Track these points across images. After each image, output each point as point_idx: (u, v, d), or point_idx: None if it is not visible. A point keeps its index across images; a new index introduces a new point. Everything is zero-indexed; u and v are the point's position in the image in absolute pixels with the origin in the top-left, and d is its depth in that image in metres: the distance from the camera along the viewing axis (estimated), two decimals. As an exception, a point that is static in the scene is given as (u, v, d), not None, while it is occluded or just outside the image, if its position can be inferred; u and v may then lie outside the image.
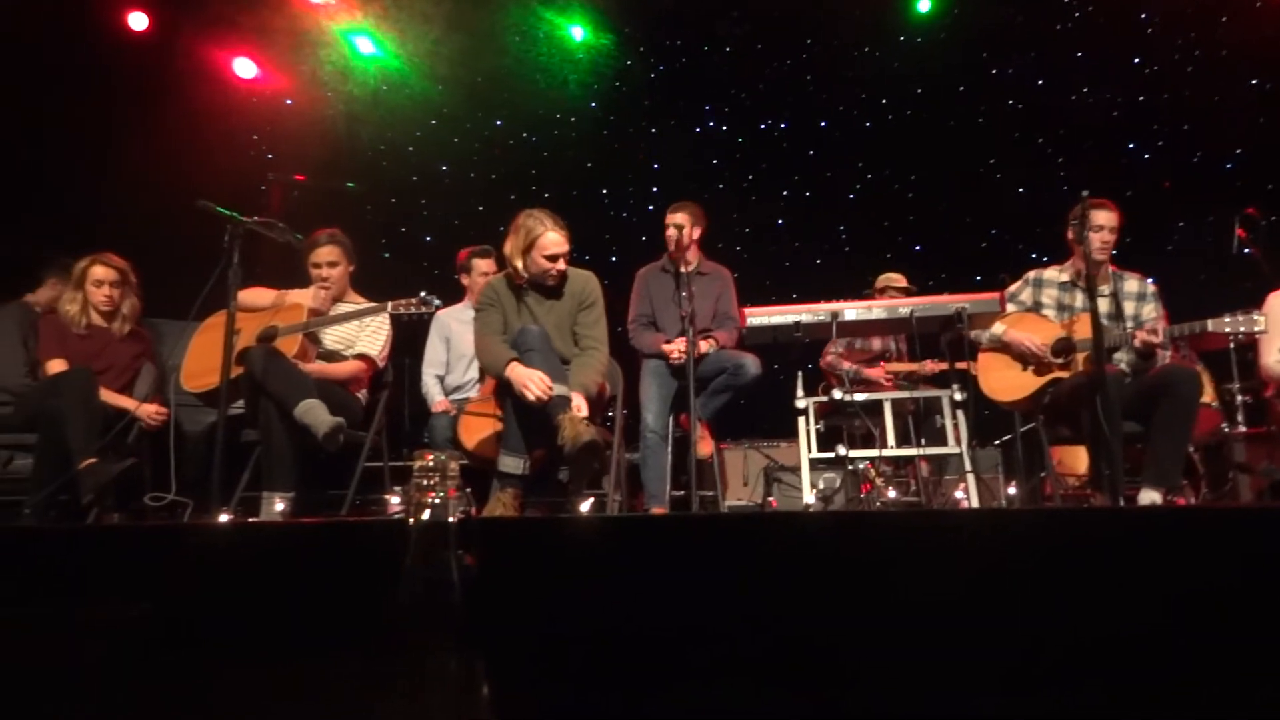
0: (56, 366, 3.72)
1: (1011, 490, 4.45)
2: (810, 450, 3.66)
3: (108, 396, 3.67)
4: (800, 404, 3.69)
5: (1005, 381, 3.69)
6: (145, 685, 1.39)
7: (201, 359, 3.68)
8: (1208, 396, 4.43)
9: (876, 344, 5.21)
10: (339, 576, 1.44)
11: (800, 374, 3.73)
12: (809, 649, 1.59)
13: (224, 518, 2.90)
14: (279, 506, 3.24)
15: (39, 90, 5.22)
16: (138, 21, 5.94)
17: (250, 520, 3.09)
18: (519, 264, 3.45)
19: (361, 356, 3.78)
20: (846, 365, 5.04)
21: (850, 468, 4.22)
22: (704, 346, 3.94)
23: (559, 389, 3.13)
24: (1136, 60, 6.33)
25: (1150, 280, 3.76)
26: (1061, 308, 3.76)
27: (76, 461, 3.36)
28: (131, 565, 1.59)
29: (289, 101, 6.50)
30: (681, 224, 4.16)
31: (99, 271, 3.90)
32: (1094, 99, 6.46)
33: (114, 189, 5.22)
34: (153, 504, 3.62)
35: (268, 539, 1.63)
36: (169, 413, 3.78)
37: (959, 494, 3.68)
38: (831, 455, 3.70)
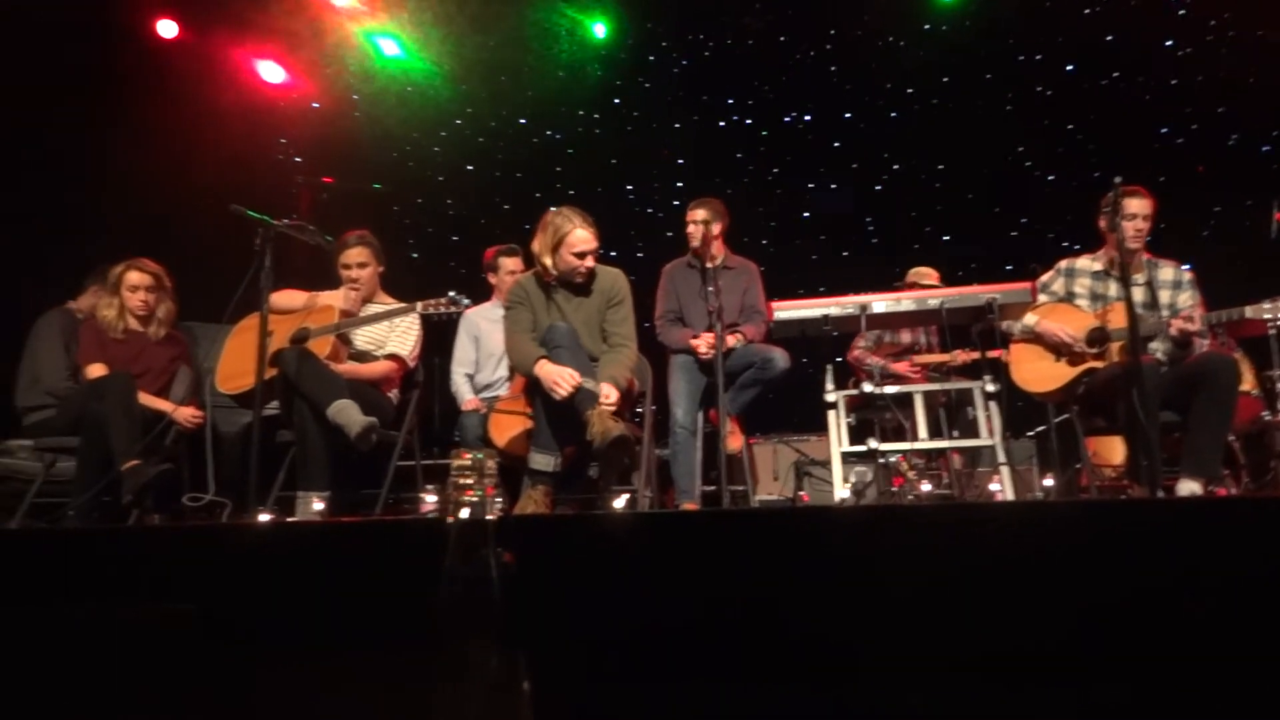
0: (96, 371, 3.79)
1: (1047, 482, 4.39)
2: (841, 444, 3.64)
3: (145, 400, 3.74)
4: (830, 397, 3.67)
5: (1038, 372, 3.65)
6: (190, 683, 1.42)
7: (236, 361, 3.73)
8: (1247, 384, 4.35)
9: (905, 337, 5.17)
10: (380, 574, 1.46)
11: (830, 367, 3.70)
12: (843, 644, 1.58)
13: (263, 517, 2.94)
14: (317, 506, 3.28)
15: (67, 96, 5.31)
16: (167, 29, 6.03)
17: (291, 520, 3.14)
18: (547, 262, 3.46)
19: (392, 356, 3.82)
20: (872, 360, 4.99)
21: (882, 461, 4.19)
22: (731, 341, 3.93)
23: (587, 384, 3.14)
24: (1169, 42, 6.22)
25: (1186, 267, 3.69)
26: (1095, 297, 3.71)
27: (118, 464, 3.42)
28: (175, 565, 1.62)
29: (315, 105, 6.57)
30: (703, 220, 4.15)
31: (134, 277, 3.96)
32: (1125, 83, 6.35)
33: (147, 194, 5.30)
34: (191, 504, 3.68)
35: (310, 538, 1.66)
36: (205, 415, 3.84)
37: (994, 486, 3.64)
38: (863, 449, 3.67)
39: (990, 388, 3.55)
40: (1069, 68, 6.48)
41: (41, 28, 5.11)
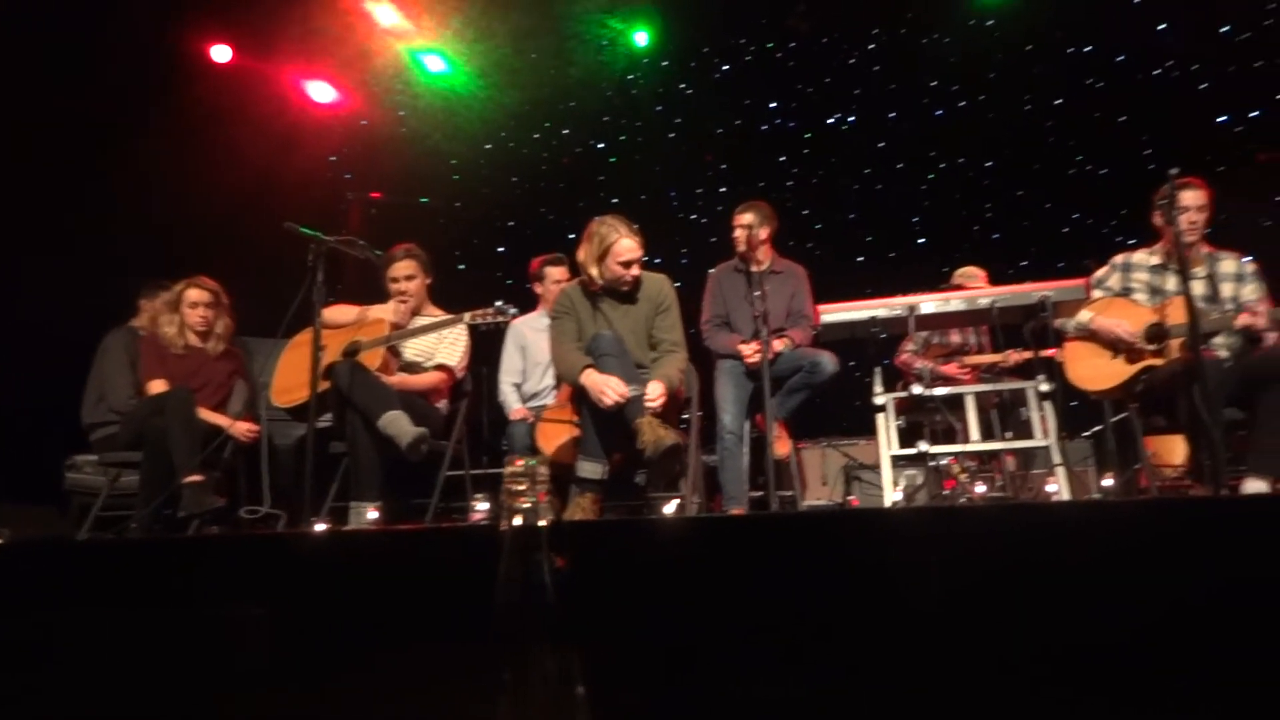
0: (158, 386, 3.90)
1: (1106, 482, 4.28)
2: (891, 447, 3.59)
3: (204, 414, 3.83)
4: (879, 400, 3.63)
5: (1094, 370, 3.57)
6: (268, 682, 1.46)
7: (290, 375, 3.82)
8: (1316, 379, 4.19)
9: (955, 338, 5.09)
10: (437, 580, 1.49)
11: (878, 370, 3.66)
12: (896, 647, 1.56)
13: (318, 527, 3.00)
14: (371, 515, 3.34)
15: (129, 122, 5.48)
16: (221, 54, 6.21)
17: (352, 528, 3.20)
18: (593, 271, 3.48)
19: (441, 367, 3.87)
20: (921, 363, 4.92)
21: (933, 464, 4.13)
22: (778, 346, 3.91)
23: (634, 389, 3.15)
24: (1224, 28, 6.04)
25: (1248, 259, 3.58)
26: (1153, 292, 3.62)
27: (179, 477, 3.52)
28: (239, 573, 1.66)
29: (364, 122, 6.70)
30: (749, 224, 4.13)
31: (194, 294, 4.07)
32: (1179, 72, 6.20)
33: (205, 212, 5.45)
34: (248, 516, 3.77)
35: (370, 545, 1.70)
36: (261, 429, 3.93)
37: (1050, 488, 3.57)
38: (913, 452, 3.62)
39: (1044, 387, 3.48)
40: (1119, 58, 6.34)
41: (102, 56, 5.30)
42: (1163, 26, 6.16)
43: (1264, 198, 5.96)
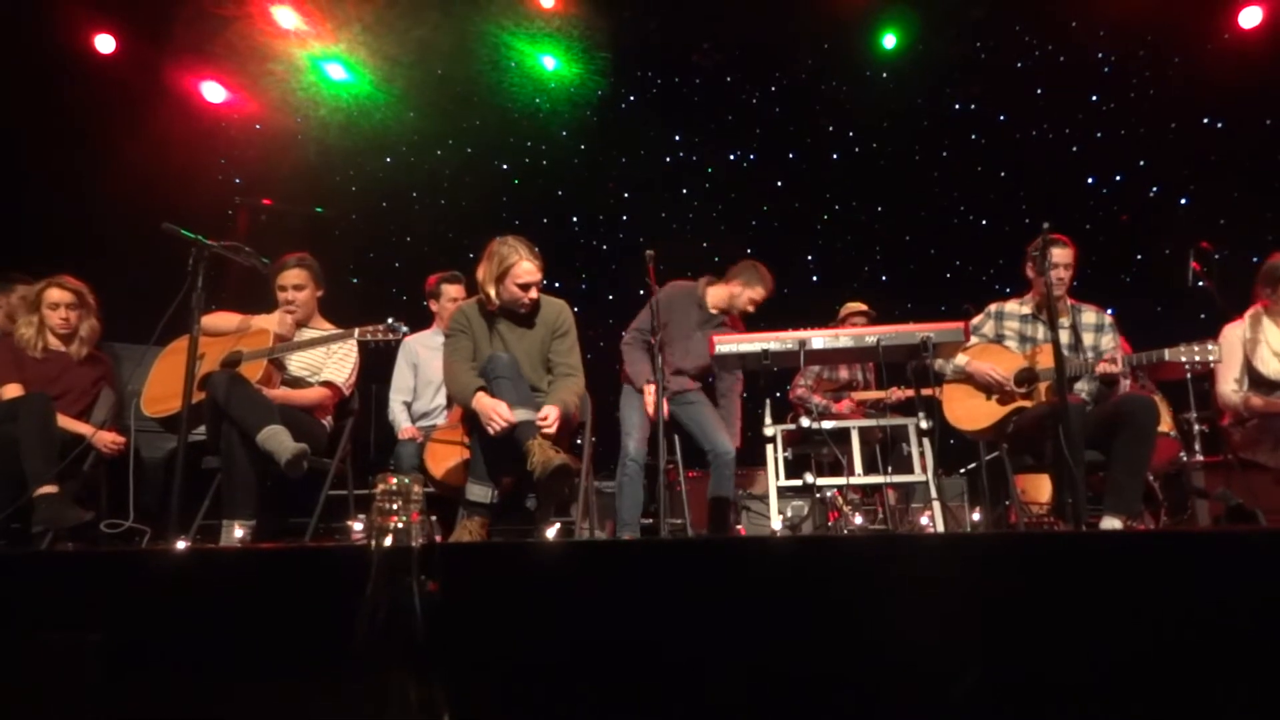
0: (12, 391, 3.64)
1: (976, 517, 4.48)
2: (778, 478, 3.66)
3: (64, 422, 3.60)
4: (768, 432, 3.70)
5: (970, 410, 3.74)
6: (100, 715, 1.35)
7: (163, 384, 3.62)
8: (1165, 426, 4.51)
9: (844, 374, 5.26)
10: (300, 603, 1.42)
11: (769, 402, 3.74)
12: (777, 675, 1.58)
13: (182, 545, 2.84)
14: (239, 534, 3.19)
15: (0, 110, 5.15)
16: (104, 44, 5.90)
17: (206, 546, 3.03)
18: (491, 291, 3.43)
19: (327, 383, 3.74)
20: (817, 399, 5.07)
21: (818, 495, 4.23)
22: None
23: (525, 414, 3.11)
24: (1094, 97, 6.51)
25: (1108, 312, 3.84)
26: (1023, 339, 3.83)
27: (32, 488, 3.28)
28: (85, 592, 1.55)
29: (258, 126, 6.47)
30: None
31: (55, 294, 3.83)
32: (1054, 134, 6.63)
33: (78, 210, 5.15)
34: (109, 531, 3.54)
35: (227, 565, 1.60)
36: (126, 441, 3.71)
37: (925, 520, 3.70)
38: (799, 483, 3.69)
39: (924, 425, 3.61)
40: (1001, 117, 6.74)
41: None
42: (1040, 91, 6.58)
43: (1126, 256, 6.42)
